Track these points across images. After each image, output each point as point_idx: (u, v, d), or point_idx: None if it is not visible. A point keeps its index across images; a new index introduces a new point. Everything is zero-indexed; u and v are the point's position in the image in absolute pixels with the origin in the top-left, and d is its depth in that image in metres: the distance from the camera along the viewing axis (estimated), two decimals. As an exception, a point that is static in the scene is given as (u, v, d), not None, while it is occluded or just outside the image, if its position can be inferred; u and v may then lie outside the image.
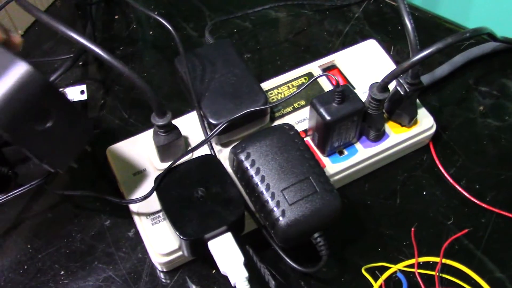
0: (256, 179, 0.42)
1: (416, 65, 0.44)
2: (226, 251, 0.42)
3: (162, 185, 0.44)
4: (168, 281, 0.46)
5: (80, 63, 0.58)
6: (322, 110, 0.46)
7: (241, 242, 0.43)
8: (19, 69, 0.35)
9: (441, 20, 0.62)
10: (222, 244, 0.42)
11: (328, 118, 0.45)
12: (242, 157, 0.43)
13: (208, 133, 0.48)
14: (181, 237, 0.41)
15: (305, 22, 0.62)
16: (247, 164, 0.43)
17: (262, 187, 0.42)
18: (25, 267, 0.47)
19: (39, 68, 0.56)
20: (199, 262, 0.47)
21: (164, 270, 0.46)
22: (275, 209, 0.41)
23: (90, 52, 0.40)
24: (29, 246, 0.48)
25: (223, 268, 0.41)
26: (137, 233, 0.48)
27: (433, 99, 0.56)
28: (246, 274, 0.41)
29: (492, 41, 0.54)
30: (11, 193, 0.48)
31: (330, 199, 0.42)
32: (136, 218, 0.47)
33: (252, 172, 0.43)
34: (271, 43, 0.60)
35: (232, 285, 0.41)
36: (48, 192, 0.50)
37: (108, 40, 0.61)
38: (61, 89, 0.55)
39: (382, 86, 0.46)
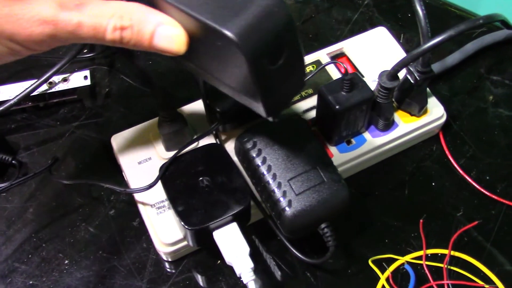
0: (263, 169, 0.42)
1: (427, 52, 0.43)
2: (231, 242, 0.41)
3: (167, 174, 0.43)
4: (173, 271, 0.46)
5: (85, 51, 0.57)
6: (330, 99, 0.45)
7: (247, 232, 0.43)
8: None
9: (451, 7, 0.61)
10: (228, 234, 0.41)
11: (336, 107, 0.44)
12: (249, 146, 0.43)
13: (214, 121, 0.47)
14: (186, 226, 0.40)
15: (313, 9, 0.61)
16: (253, 153, 0.42)
17: (268, 177, 0.41)
18: (29, 256, 0.47)
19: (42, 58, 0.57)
20: (204, 252, 0.46)
21: (169, 259, 0.46)
22: (281, 199, 0.41)
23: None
24: (33, 235, 0.48)
25: (229, 259, 0.41)
26: (141, 222, 0.47)
27: (444, 88, 0.55)
28: (251, 264, 0.40)
29: (505, 28, 0.53)
30: (16, 181, 0.47)
31: (338, 189, 0.41)
32: (141, 207, 0.46)
33: (258, 161, 0.42)
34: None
35: (238, 275, 0.41)
36: (53, 181, 0.50)
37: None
38: (66, 75, 0.54)
39: (392, 74, 0.45)
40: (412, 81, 0.47)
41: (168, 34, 0.33)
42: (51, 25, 0.31)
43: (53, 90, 0.53)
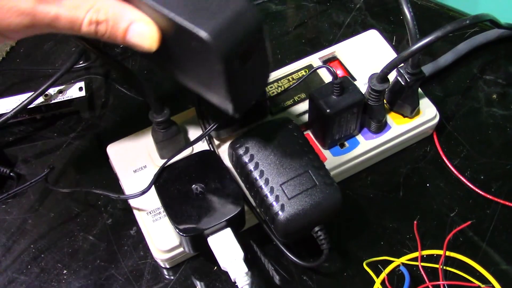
0: (255, 174, 0.42)
1: (415, 54, 0.43)
2: (226, 247, 0.41)
3: (161, 181, 0.43)
4: (171, 277, 0.46)
5: (81, 62, 0.58)
6: (321, 103, 0.45)
7: (243, 237, 0.43)
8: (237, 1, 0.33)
9: (444, 9, 0.61)
10: (222, 239, 0.42)
11: (327, 110, 0.45)
12: (241, 151, 0.43)
13: (207, 127, 0.48)
14: (181, 233, 0.41)
15: (305, 14, 0.62)
16: (245, 158, 0.43)
17: (261, 182, 0.42)
18: (29, 266, 0.47)
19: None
20: (201, 257, 0.47)
21: (167, 266, 0.46)
22: (274, 203, 0.41)
23: (89, 50, 0.40)
24: (32, 246, 0.48)
25: (223, 264, 0.41)
26: (138, 231, 0.48)
27: (437, 89, 0.55)
28: (246, 269, 0.41)
29: (496, 28, 0.53)
30: (12, 191, 0.48)
31: (330, 192, 0.41)
32: (137, 215, 0.47)
33: (251, 166, 0.42)
34: (271, 36, 0.60)
35: (232, 280, 0.41)
36: (51, 193, 0.50)
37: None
38: (61, 87, 0.55)
39: (382, 76, 0.45)
40: (402, 83, 0.47)
41: (141, 31, 0.34)
42: (29, 17, 0.32)
43: (49, 102, 0.54)
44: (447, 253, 0.45)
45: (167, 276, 0.46)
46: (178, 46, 0.35)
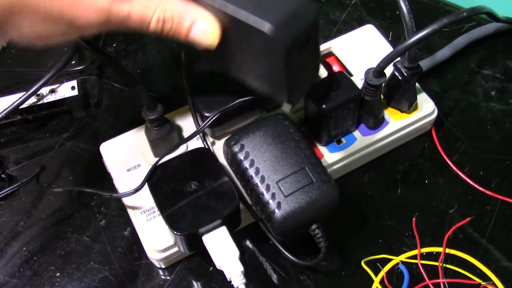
0: (251, 171, 0.41)
1: (411, 47, 0.43)
2: (221, 246, 0.41)
3: (155, 179, 0.43)
4: (167, 278, 0.45)
5: (73, 62, 0.57)
6: (317, 98, 0.44)
7: (239, 235, 0.42)
8: None
9: (440, 4, 0.60)
10: (217, 238, 0.41)
11: (323, 106, 0.44)
12: (236, 149, 0.42)
13: (201, 125, 0.47)
14: (175, 232, 0.40)
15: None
16: (241, 156, 0.42)
17: (256, 179, 0.41)
18: (21, 269, 0.46)
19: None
20: (197, 257, 0.46)
21: (162, 266, 0.45)
22: (270, 201, 0.40)
23: (82, 46, 0.40)
24: (24, 248, 0.47)
25: (218, 263, 0.40)
26: (132, 232, 0.47)
27: (434, 84, 0.54)
28: (241, 268, 0.40)
29: (493, 21, 0.52)
30: (3, 192, 0.47)
31: (327, 189, 0.41)
32: (131, 215, 0.46)
33: (246, 164, 0.42)
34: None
35: (228, 279, 0.40)
36: (43, 194, 0.50)
37: (99, 36, 0.60)
38: (53, 86, 0.54)
39: (378, 71, 0.45)
40: (399, 78, 0.46)
41: (204, 29, 0.36)
42: (105, 14, 0.33)
43: (41, 102, 0.53)
44: (447, 250, 0.44)
45: (162, 277, 0.45)
46: (239, 41, 0.37)
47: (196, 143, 0.48)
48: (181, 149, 0.47)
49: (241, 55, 0.38)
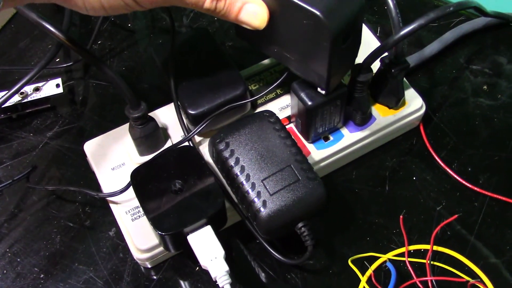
0: (236, 170, 0.41)
1: (398, 43, 0.42)
2: (206, 245, 0.40)
3: (139, 178, 0.42)
4: (154, 277, 0.45)
5: (57, 60, 0.57)
6: (302, 95, 0.44)
7: (226, 234, 0.42)
8: None
9: (430, -1, 0.60)
10: (202, 237, 0.40)
11: (309, 103, 0.43)
12: (221, 147, 0.42)
13: (185, 123, 0.46)
14: (159, 232, 0.39)
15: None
16: (226, 154, 0.41)
17: (242, 178, 0.40)
18: (4, 271, 0.45)
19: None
20: (183, 256, 0.45)
21: (148, 266, 0.45)
22: (256, 200, 0.40)
23: (64, 44, 0.39)
24: (8, 250, 0.46)
25: (203, 262, 0.40)
26: (117, 232, 0.46)
27: (423, 80, 0.54)
28: (226, 268, 0.39)
29: (482, 15, 0.52)
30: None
31: (313, 187, 0.40)
32: (116, 215, 0.45)
33: (231, 162, 0.41)
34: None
35: (213, 279, 0.39)
36: (27, 195, 0.49)
37: (86, 34, 0.59)
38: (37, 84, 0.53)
39: (364, 67, 0.44)
40: (386, 73, 0.46)
41: (253, 11, 0.38)
42: None
43: (26, 100, 0.52)
44: (435, 247, 0.44)
45: (147, 278, 0.45)
46: (286, 25, 0.39)
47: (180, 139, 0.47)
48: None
49: (287, 39, 0.40)
